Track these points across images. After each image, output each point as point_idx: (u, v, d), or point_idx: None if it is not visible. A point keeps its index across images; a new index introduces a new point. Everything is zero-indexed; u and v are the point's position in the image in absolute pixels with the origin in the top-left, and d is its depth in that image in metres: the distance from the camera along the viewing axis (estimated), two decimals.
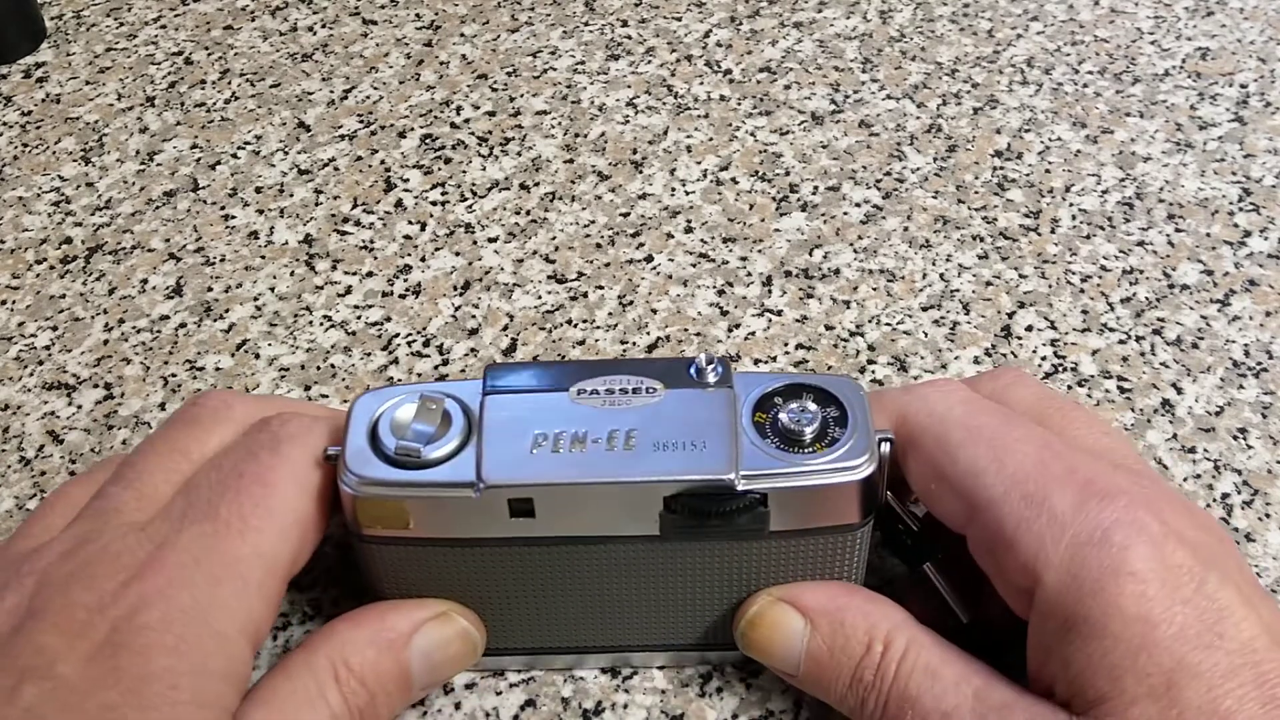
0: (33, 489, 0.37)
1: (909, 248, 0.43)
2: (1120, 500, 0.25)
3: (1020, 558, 0.25)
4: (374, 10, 0.56)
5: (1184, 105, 0.48)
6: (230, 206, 0.46)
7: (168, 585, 0.24)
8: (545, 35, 0.53)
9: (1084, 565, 0.24)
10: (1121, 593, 0.24)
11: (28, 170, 0.48)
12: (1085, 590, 0.24)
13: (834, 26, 0.53)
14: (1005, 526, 0.25)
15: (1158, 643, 0.23)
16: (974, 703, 0.25)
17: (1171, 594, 0.24)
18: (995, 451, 0.26)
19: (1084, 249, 0.43)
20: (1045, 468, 0.26)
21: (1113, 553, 0.24)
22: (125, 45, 0.54)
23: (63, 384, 0.40)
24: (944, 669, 0.26)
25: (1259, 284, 0.41)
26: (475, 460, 0.27)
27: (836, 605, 0.28)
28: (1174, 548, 0.24)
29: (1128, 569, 0.24)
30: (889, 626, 0.27)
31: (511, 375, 0.28)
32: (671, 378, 0.28)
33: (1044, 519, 0.25)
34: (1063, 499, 0.25)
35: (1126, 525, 0.24)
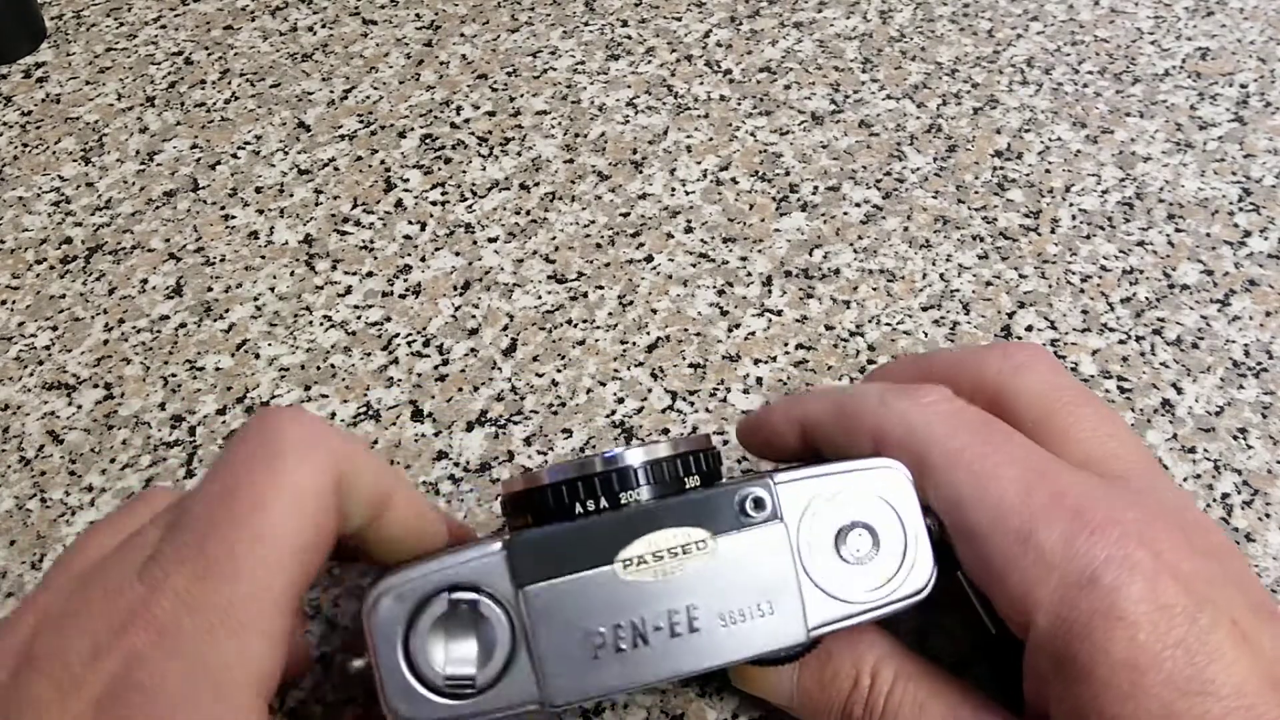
0: (33, 489, 0.37)
1: (909, 248, 0.43)
2: (1111, 533, 0.24)
3: (1009, 595, 0.25)
4: (374, 10, 0.56)
5: (1184, 105, 0.48)
6: (230, 206, 0.46)
7: (159, 638, 0.22)
8: (545, 35, 0.53)
9: (1073, 608, 0.24)
10: (1110, 638, 0.23)
11: (28, 170, 0.48)
12: (1074, 634, 0.23)
13: (834, 26, 0.53)
14: (993, 562, 0.25)
15: (1146, 690, 0.23)
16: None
17: (1162, 637, 0.23)
18: (977, 479, 0.25)
19: (1084, 249, 0.43)
20: (1030, 497, 0.25)
21: (1102, 595, 0.23)
22: (125, 45, 0.54)
23: (63, 384, 0.40)
24: (932, 702, 0.26)
25: (1259, 284, 0.41)
26: (534, 677, 0.24)
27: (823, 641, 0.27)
28: (1166, 584, 0.23)
29: (1117, 613, 0.23)
30: (875, 658, 0.27)
31: (541, 547, 0.24)
32: (717, 519, 0.25)
33: (1030, 557, 0.24)
34: (1049, 534, 0.24)
35: (1117, 563, 0.24)
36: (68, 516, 0.37)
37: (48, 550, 0.36)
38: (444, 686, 0.24)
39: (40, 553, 0.36)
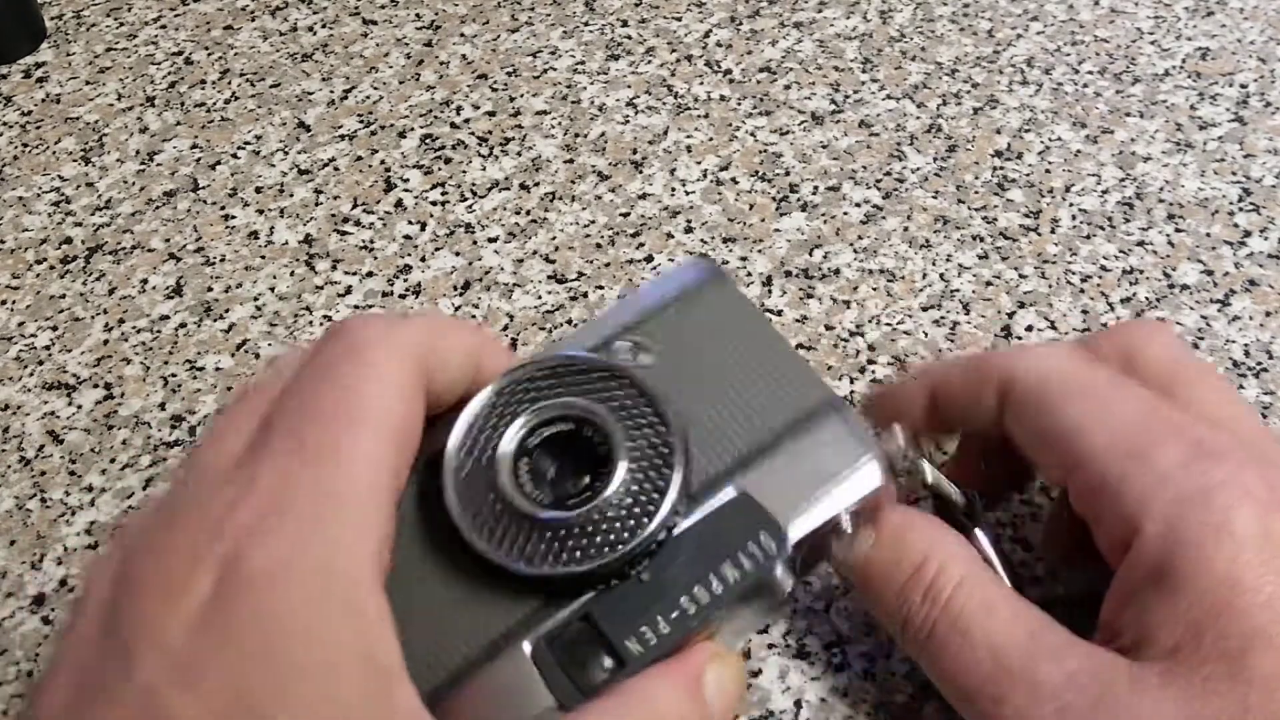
0: (33, 489, 0.37)
1: (909, 248, 0.43)
2: (1229, 462, 0.25)
3: (1122, 509, 0.25)
4: (374, 10, 0.56)
5: (1184, 105, 0.48)
6: (230, 206, 0.46)
7: (263, 530, 0.21)
8: (545, 35, 0.53)
9: (1184, 520, 0.24)
10: (1218, 552, 0.23)
11: (28, 170, 0.48)
12: (1182, 544, 0.24)
13: (834, 26, 0.53)
14: (1109, 479, 0.25)
15: (1243, 608, 0.23)
16: (1027, 641, 0.25)
17: (1266, 563, 0.23)
18: (1099, 407, 0.26)
19: (1084, 249, 0.43)
20: (1151, 424, 0.26)
21: (1215, 512, 0.24)
22: (125, 45, 0.54)
23: (63, 384, 0.40)
24: (1000, 606, 0.26)
25: (1259, 284, 0.41)
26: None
27: (904, 522, 0.28)
28: (1277, 516, 0.24)
29: (1228, 529, 0.24)
30: (947, 554, 0.27)
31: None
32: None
33: (1148, 473, 0.25)
34: (1168, 455, 0.25)
35: (1232, 487, 0.24)
36: (68, 516, 0.37)
37: (47, 550, 0.36)
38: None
39: (40, 553, 0.36)
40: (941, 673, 0.26)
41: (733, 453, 0.25)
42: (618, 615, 0.23)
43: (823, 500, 0.25)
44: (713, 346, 0.27)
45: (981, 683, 0.25)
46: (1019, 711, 0.24)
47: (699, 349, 0.27)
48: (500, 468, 0.24)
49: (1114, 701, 0.23)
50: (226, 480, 0.22)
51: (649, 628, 0.23)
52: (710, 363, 0.26)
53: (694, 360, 0.26)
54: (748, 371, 0.26)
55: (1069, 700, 0.24)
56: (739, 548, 0.24)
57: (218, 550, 0.21)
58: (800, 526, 0.25)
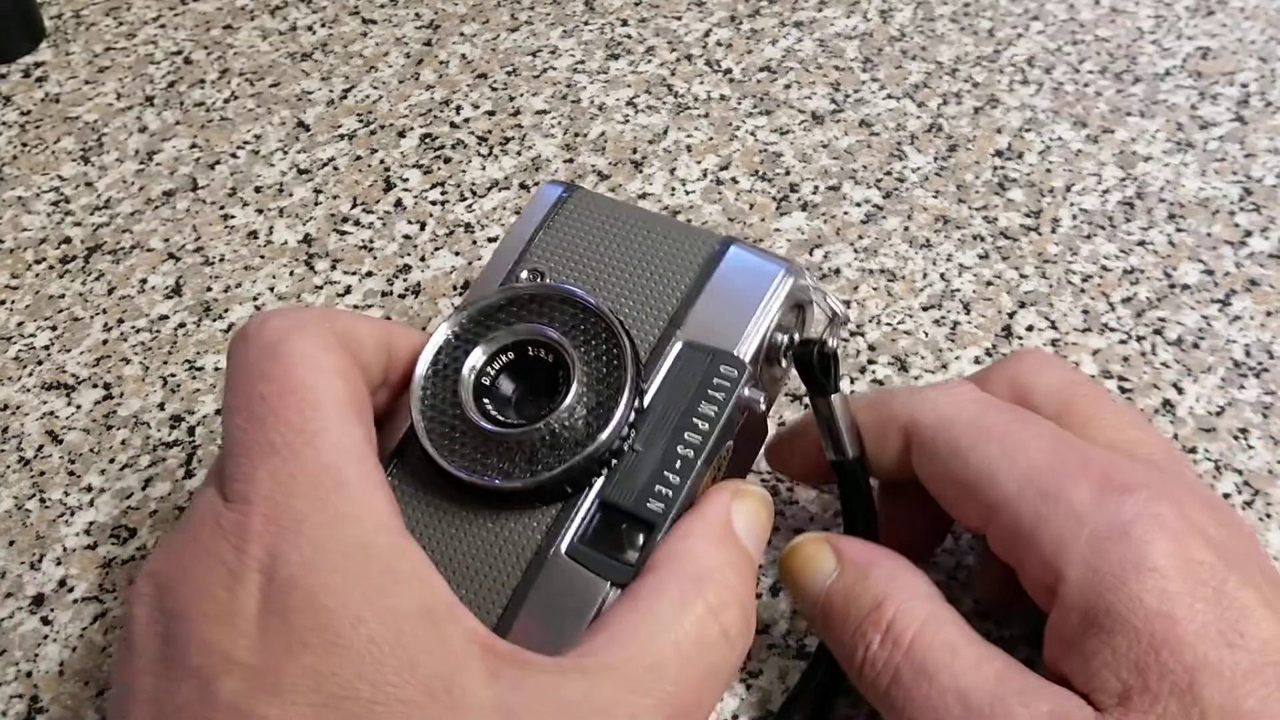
0: (32, 489, 0.37)
1: (909, 247, 0.43)
2: (1140, 493, 0.25)
3: (1041, 554, 0.25)
4: (373, 10, 0.56)
5: (1184, 105, 0.48)
6: (229, 206, 0.46)
7: (282, 533, 0.22)
8: (545, 34, 0.53)
9: (1105, 559, 0.24)
10: (1143, 587, 0.23)
11: (27, 170, 0.48)
12: (1106, 585, 0.24)
13: (834, 26, 0.53)
14: (1023, 524, 0.25)
15: (1180, 639, 0.23)
16: (995, 685, 0.24)
17: (1193, 591, 0.23)
18: (1007, 450, 0.26)
19: (1085, 249, 0.42)
20: (1060, 462, 0.26)
21: (1134, 547, 0.24)
22: (124, 45, 0.54)
23: (62, 384, 0.40)
24: (966, 648, 0.25)
25: (1260, 284, 0.41)
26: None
27: (868, 559, 0.28)
28: (1195, 543, 0.24)
29: (1149, 564, 0.24)
30: (910, 595, 0.26)
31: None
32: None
33: (1061, 514, 0.25)
34: (1079, 493, 0.25)
35: (1147, 519, 0.24)
36: (67, 516, 0.36)
37: (47, 550, 0.36)
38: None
39: (40, 553, 0.36)
40: (906, 718, 0.25)
41: (663, 317, 0.27)
42: (629, 488, 0.25)
43: (757, 312, 0.27)
44: (600, 244, 0.29)
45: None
46: None
47: (589, 251, 0.29)
48: (466, 401, 0.26)
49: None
50: (225, 507, 0.23)
51: (661, 485, 0.25)
52: (606, 257, 0.28)
53: (591, 261, 0.28)
54: (642, 249, 0.28)
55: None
56: (706, 386, 0.26)
57: (249, 563, 0.22)
58: (748, 344, 0.27)
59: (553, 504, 0.25)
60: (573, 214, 0.29)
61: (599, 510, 0.25)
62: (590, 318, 0.27)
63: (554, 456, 0.25)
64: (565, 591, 0.25)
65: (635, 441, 0.26)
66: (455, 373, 0.26)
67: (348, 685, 0.21)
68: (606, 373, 0.26)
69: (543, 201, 0.30)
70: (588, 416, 0.25)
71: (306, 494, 0.22)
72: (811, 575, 0.28)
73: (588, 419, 0.25)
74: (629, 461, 0.25)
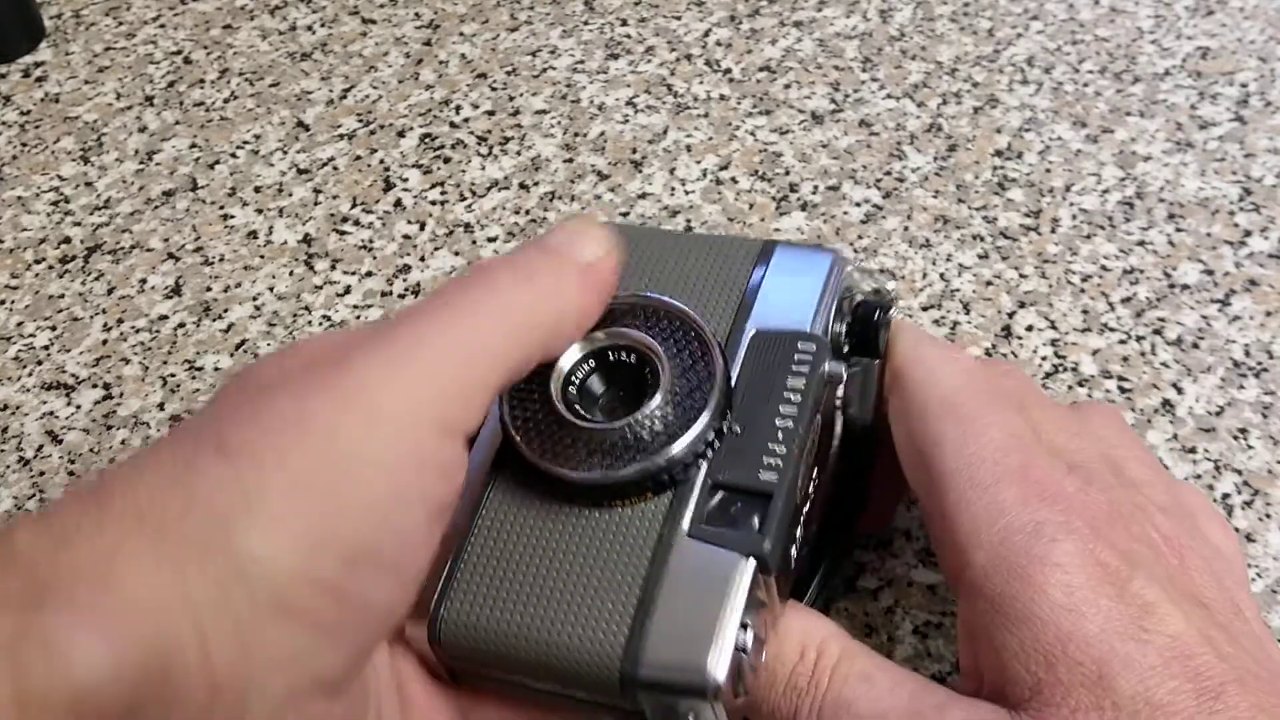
0: (31, 489, 0.37)
1: (909, 247, 0.43)
2: (1060, 504, 0.25)
3: (955, 537, 0.26)
4: (373, 9, 0.56)
5: (1184, 105, 0.48)
6: (229, 206, 0.46)
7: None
8: (545, 34, 0.53)
9: (1012, 549, 0.25)
10: (1048, 580, 0.24)
11: (26, 170, 0.48)
12: (1013, 574, 0.24)
13: (834, 26, 0.53)
14: (948, 501, 0.26)
15: (1086, 632, 0.23)
16: (909, 702, 0.25)
17: (1097, 587, 0.24)
18: (964, 430, 0.27)
19: (1084, 248, 0.42)
20: (1004, 458, 0.26)
21: (1042, 543, 0.25)
22: (124, 45, 0.54)
23: (62, 384, 0.40)
24: (879, 674, 0.26)
25: (1259, 284, 0.41)
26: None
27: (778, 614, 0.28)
28: (1101, 548, 0.25)
29: (1054, 559, 0.24)
30: (823, 635, 0.27)
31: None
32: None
33: (985, 502, 0.26)
34: (1008, 491, 0.26)
35: (1058, 524, 0.25)
36: None
37: None
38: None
39: None
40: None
41: (729, 314, 0.28)
42: (738, 465, 0.26)
43: (821, 293, 0.28)
44: (650, 264, 0.29)
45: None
46: None
47: (641, 272, 0.29)
48: (556, 401, 0.26)
49: None
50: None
51: (768, 456, 0.26)
52: (659, 274, 0.29)
53: (645, 280, 0.29)
54: (690, 261, 0.29)
55: None
56: (789, 362, 0.27)
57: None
58: (818, 324, 0.28)
59: (663, 493, 0.26)
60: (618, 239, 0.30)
61: (711, 491, 0.26)
62: (667, 316, 0.27)
63: (656, 444, 0.25)
64: (699, 571, 0.25)
65: (732, 423, 0.26)
66: (544, 375, 0.26)
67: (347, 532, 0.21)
68: (693, 363, 0.27)
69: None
70: (685, 403, 0.26)
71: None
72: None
73: (685, 405, 0.26)
74: (730, 442, 0.26)
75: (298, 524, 0.20)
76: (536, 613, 0.25)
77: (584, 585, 0.25)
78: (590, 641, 0.25)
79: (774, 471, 0.26)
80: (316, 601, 0.20)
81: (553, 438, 0.26)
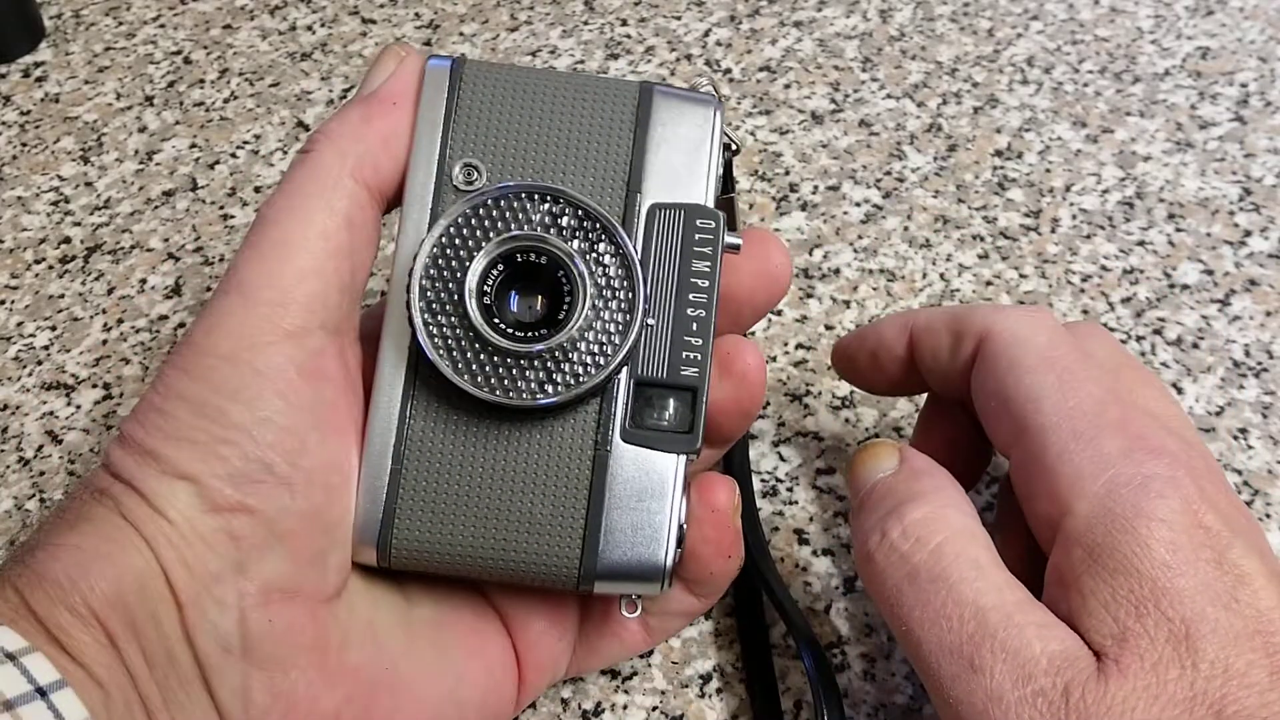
0: (32, 489, 0.37)
1: (909, 247, 0.43)
2: (1165, 458, 0.25)
3: (1056, 486, 0.26)
4: (373, 9, 0.56)
5: (1184, 105, 0.48)
6: (229, 206, 0.46)
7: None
8: (545, 34, 0.53)
9: (1119, 502, 0.25)
10: (1152, 535, 0.24)
11: (26, 170, 0.48)
12: (1116, 525, 0.24)
13: (834, 25, 0.53)
14: (1049, 452, 0.26)
15: (1181, 590, 0.24)
16: (1014, 610, 0.25)
17: (1199, 550, 0.24)
18: (1061, 384, 0.27)
19: (1084, 248, 0.43)
20: (1103, 411, 0.26)
21: (1149, 498, 0.25)
22: (124, 44, 0.54)
23: (62, 384, 0.40)
24: (993, 570, 0.26)
25: (1259, 284, 0.41)
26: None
27: (925, 467, 0.28)
28: (1206, 510, 0.25)
29: (1160, 515, 0.24)
30: (947, 505, 0.27)
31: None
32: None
33: (1088, 454, 0.26)
34: (1111, 443, 0.26)
35: (1166, 480, 0.25)
36: None
37: None
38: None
39: None
40: (914, 621, 0.25)
41: (619, 183, 0.27)
42: (658, 360, 0.26)
43: (707, 155, 0.27)
44: (522, 119, 0.28)
45: (961, 642, 0.24)
46: (998, 686, 0.24)
47: (513, 130, 0.28)
48: (477, 319, 0.25)
49: (1081, 693, 0.23)
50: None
51: (686, 350, 0.26)
52: (533, 132, 0.28)
53: (520, 140, 0.27)
54: (566, 114, 0.28)
55: (1043, 685, 0.23)
56: (690, 243, 0.27)
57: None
58: (709, 190, 0.27)
59: (591, 400, 0.26)
60: (476, 92, 0.28)
61: (635, 390, 0.26)
62: (570, 209, 0.26)
63: (589, 361, 0.25)
64: (640, 477, 0.26)
65: (648, 315, 0.26)
66: (456, 289, 0.26)
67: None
68: (604, 260, 0.26)
69: (436, 83, 0.28)
70: (608, 311, 0.26)
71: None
72: (870, 468, 0.29)
73: (610, 313, 0.26)
74: (646, 336, 0.26)
75: (191, 468, 0.24)
76: (487, 529, 0.26)
77: (530, 497, 0.26)
78: (544, 553, 0.26)
79: (694, 366, 0.26)
80: (228, 523, 0.24)
81: (477, 358, 0.25)
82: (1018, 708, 0.23)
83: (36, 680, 0.21)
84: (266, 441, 0.24)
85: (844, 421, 0.38)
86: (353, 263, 0.27)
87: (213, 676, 0.24)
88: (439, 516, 0.26)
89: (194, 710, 0.24)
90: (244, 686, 0.24)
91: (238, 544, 0.24)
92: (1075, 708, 0.23)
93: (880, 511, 0.27)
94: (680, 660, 0.32)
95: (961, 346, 0.30)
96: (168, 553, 0.24)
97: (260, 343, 0.25)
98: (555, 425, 0.26)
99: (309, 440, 0.25)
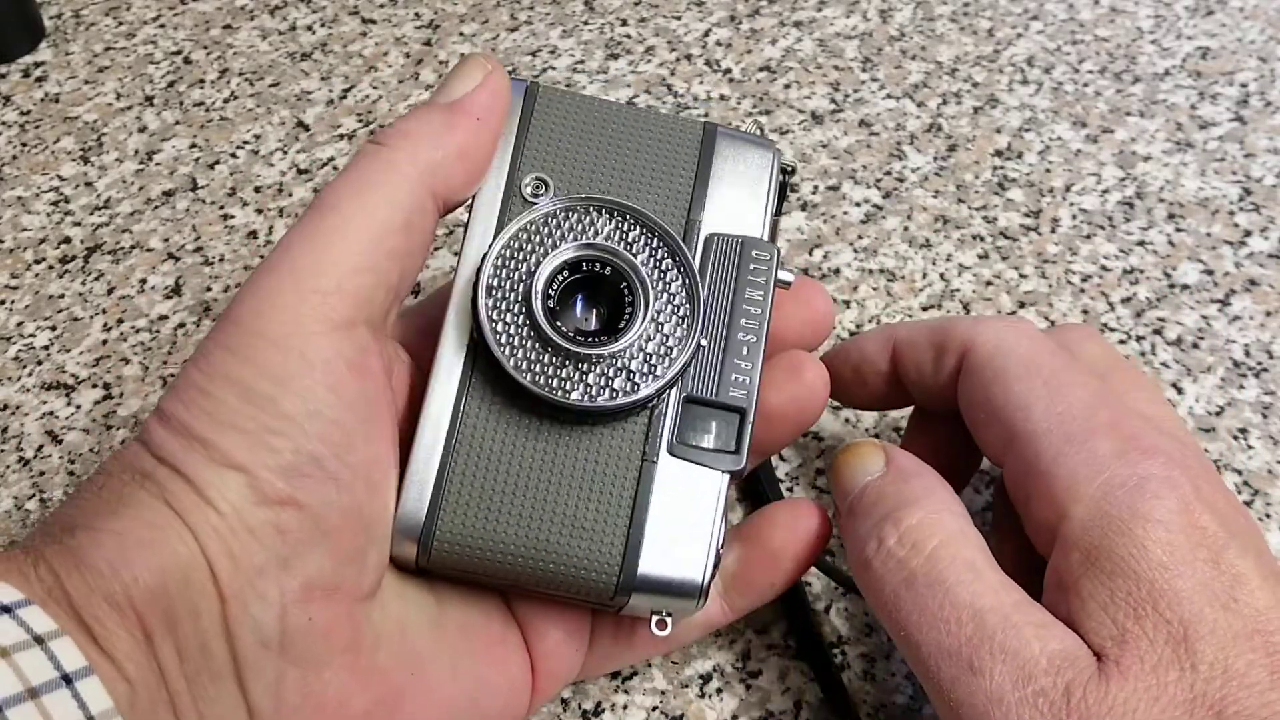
0: (31, 489, 0.37)
1: (909, 247, 0.43)
2: (1159, 458, 0.25)
3: (1052, 490, 0.26)
4: (373, 9, 0.56)
5: (1184, 105, 0.48)
6: (229, 206, 0.46)
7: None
8: (545, 34, 0.53)
9: (1114, 504, 0.25)
10: (1148, 536, 0.24)
11: (26, 170, 0.48)
12: (1113, 527, 0.24)
13: (834, 25, 0.53)
14: (1042, 458, 0.26)
15: (1179, 592, 0.24)
16: (1012, 611, 0.25)
17: (1195, 550, 0.24)
18: (1049, 389, 0.27)
19: (1084, 248, 0.43)
20: (1093, 414, 0.26)
21: (1145, 499, 0.25)
22: (124, 44, 0.54)
23: (62, 384, 0.40)
24: (989, 572, 0.26)
25: (1259, 284, 0.41)
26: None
27: (914, 469, 0.28)
28: (1202, 511, 0.25)
29: (1156, 516, 0.24)
30: (940, 509, 0.27)
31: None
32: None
33: (1082, 457, 0.26)
34: (1104, 444, 0.26)
35: (1161, 480, 0.25)
36: None
37: None
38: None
39: None
40: (912, 625, 0.25)
41: (680, 212, 0.28)
42: (708, 380, 0.27)
43: (765, 194, 0.29)
44: (591, 144, 0.29)
45: (960, 645, 0.24)
46: (998, 687, 0.24)
47: (583, 153, 0.29)
48: (541, 320, 0.26)
49: (1082, 693, 0.23)
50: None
51: (735, 373, 0.27)
52: (602, 157, 0.29)
53: (589, 163, 0.29)
54: (633, 144, 0.29)
55: (1044, 685, 0.23)
56: (745, 273, 0.28)
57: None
58: (765, 226, 0.29)
59: (641, 411, 0.27)
60: (549, 114, 0.29)
61: (684, 406, 0.27)
62: (638, 225, 0.27)
63: (646, 372, 0.26)
64: (683, 488, 0.26)
65: (701, 337, 0.27)
66: (524, 289, 0.27)
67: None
68: (668, 279, 0.27)
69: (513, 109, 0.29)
70: (668, 326, 0.27)
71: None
72: (856, 471, 0.29)
73: (669, 329, 0.27)
74: (698, 356, 0.27)
75: (241, 457, 0.23)
76: (530, 529, 0.26)
77: (576, 500, 0.26)
78: (585, 557, 0.26)
79: (742, 389, 0.27)
80: (276, 517, 0.23)
81: (540, 357, 0.26)
82: (1019, 708, 0.23)
83: (63, 666, 0.20)
84: (316, 434, 0.24)
85: (844, 422, 0.38)
86: (403, 265, 0.26)
87: (247, 672, 0.23)
88: (484, 512, 0.26)
89: (223, 706, 0.23)
90: (277, 683, 0.24)
91: (284, 538, 0.24)
92: (1077, 708, 0.23)
93: (874, 517, 0.27)
94: (680, 660, 0.32)
95: (944, 360, 0.30)
96: (213, 544, 0.23)
97: (310, 331, 0.24)
98: (605, 432, 0.27)
99: (356, 436, 0.25)
